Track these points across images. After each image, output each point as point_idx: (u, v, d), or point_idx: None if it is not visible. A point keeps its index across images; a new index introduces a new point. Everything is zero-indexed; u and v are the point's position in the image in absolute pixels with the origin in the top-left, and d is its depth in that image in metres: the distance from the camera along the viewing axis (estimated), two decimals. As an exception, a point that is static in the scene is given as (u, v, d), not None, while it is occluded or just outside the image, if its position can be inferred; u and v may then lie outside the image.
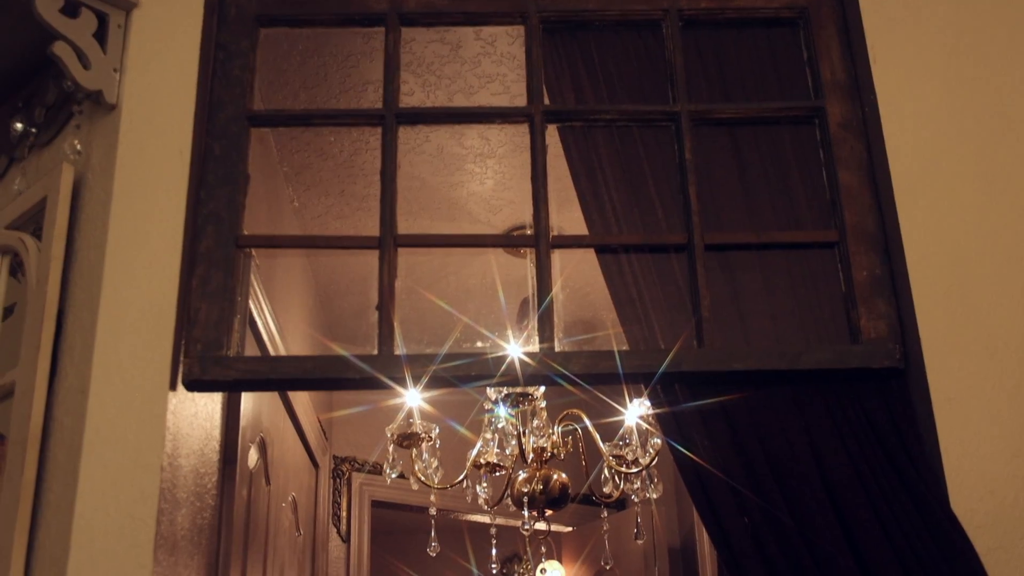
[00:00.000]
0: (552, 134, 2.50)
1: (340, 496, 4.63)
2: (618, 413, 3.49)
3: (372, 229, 2.39)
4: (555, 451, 3.48)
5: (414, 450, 3.40)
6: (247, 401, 2.84)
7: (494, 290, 4.44)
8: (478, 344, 3.36)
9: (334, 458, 4.64)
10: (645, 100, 2.52)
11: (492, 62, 3.44)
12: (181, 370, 2.21)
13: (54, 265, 2.22)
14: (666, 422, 2.30)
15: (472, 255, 4.47)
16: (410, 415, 3.34)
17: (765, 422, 2.23)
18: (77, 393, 2.13)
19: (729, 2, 2.57)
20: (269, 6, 2.55)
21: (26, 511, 2.05)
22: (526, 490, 3.42)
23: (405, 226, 2.41)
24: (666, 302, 2.37)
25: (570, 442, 3.54)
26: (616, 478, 3.49)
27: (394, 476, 3.35)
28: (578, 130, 2.51)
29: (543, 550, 3.84)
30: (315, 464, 4.17)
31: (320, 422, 4.23)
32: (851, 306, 2.33)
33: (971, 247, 2.34)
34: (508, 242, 3.62)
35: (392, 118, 2.45)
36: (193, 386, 2.23)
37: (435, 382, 2.24)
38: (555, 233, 2.40)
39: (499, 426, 3.47)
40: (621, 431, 3.47)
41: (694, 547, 4.56)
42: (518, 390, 3.40)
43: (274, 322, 3.29)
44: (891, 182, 2.37)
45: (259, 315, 3.10)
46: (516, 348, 2.86)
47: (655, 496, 3.43)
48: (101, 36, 2.36)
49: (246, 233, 2.36)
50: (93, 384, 2.12)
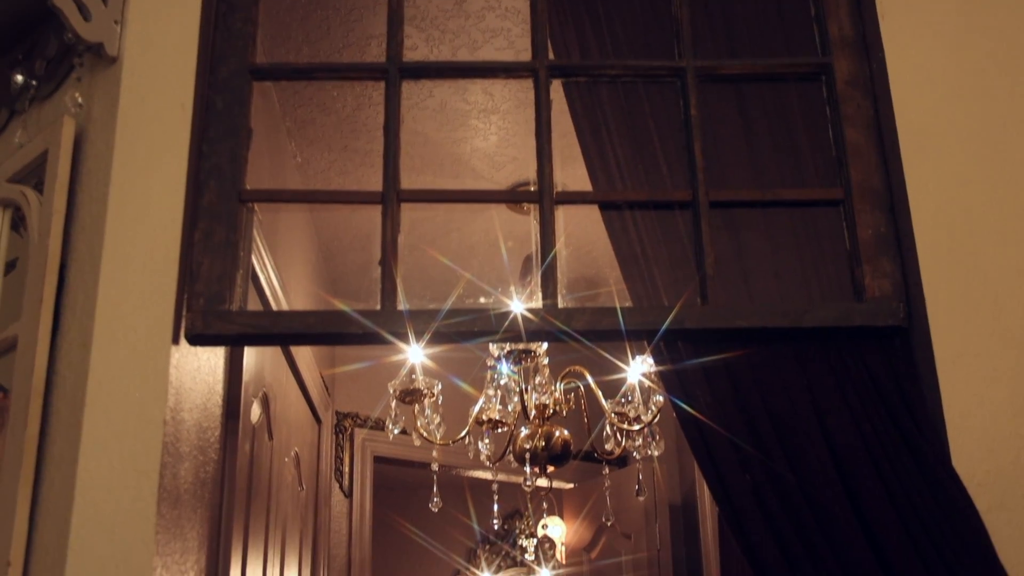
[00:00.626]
0: (556, 90, 2.48)
1: (342, 452, 4.64)
2: (620, 370, 3.50)
3: (375, 185, 2.38)
4: (557, 408, 3.48)
5: (416, 406, 3.41)
6: (249, 356, 2.84)
7: (497, 247, 4.44)
8: (481, 300, 3.35)
9: (336, 414, 4.65)
10: (651, 56, 2.50)
11: (496, 16, 3.41)
12: (183, 324, 2.21)
13: (56, 219, 2.21)
14: (669, 379, 2.30)
15: (475, 212, 4.46)
16: (413, 371, 3.34)
17: (768, 380, 2.23)
18: (79, 347, 2.13)
19: (736, -44, 2.55)
20: (271, -42, 2.52)
21: (30, 464, 2.06)
22: (528, 446, 3.43)
23: (408, 182, 2.40)
24: (670, 259, 2.36)
25: (572, 399, 3.55)
26: (618, 435, 3.50)
27: (396, 432, 3.35)
28: (583, 86, 2.49)
29: (544, 506, 3.85)
30: (318, 420, 4.18)
31: (323, 378, 4.24)
32: (855, 264, 2.32)
33: (978, 206, 2.33)
34: (512, 198, 3.58)
35: (395, 72, 2.43)
36: (196, 340, 2.23)
37: (437, 338, 2.24)
38: (559, 189, 2.39)
39: (501, 383, 3.48)
40: (623, 388, 3.48)
41: (695, 504, 4.58)
42: (521, 347, 3.41)
43: (276, 278, 3.29)
44: (898, 140, 2.36)
45: (261, 271, 3.10)
46: (519, 305, 2.86)
47: (656, 453, 3.44)
48: (102, -13, 2.33)
49: (248, 188, 2.35)
50: (95, 338, 2.11)
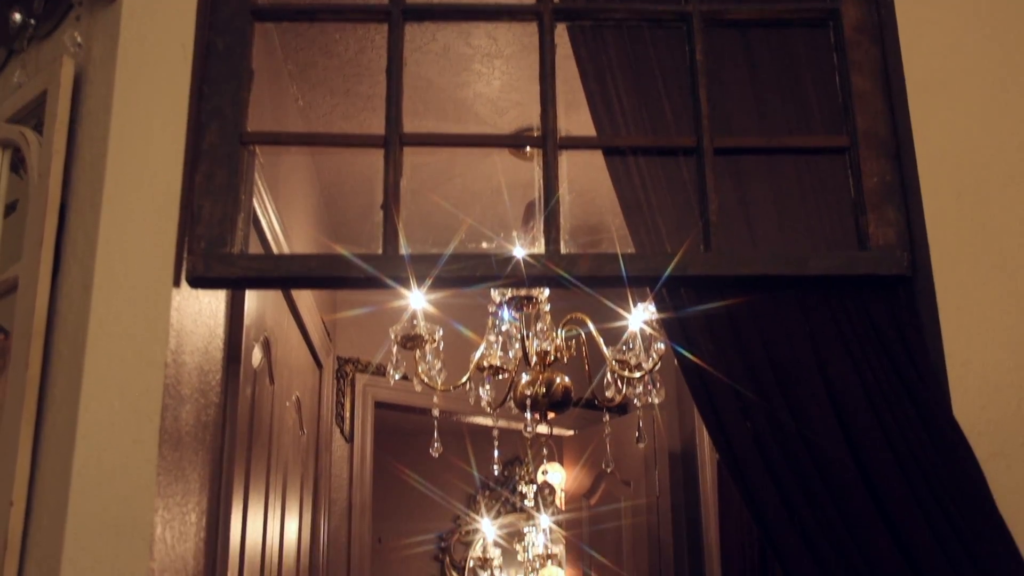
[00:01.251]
0: (561, 35, 2.45)
1: (343, 397, 4.66)
2: (622, 318, 3.49)
3: (377, 129, 2.36)
4: (558, 355, 3.48)
5: (418, 352, 3.41)
6: (251, 300, 2.83)
7: (500, 193, 4.41)
8: (484, 245, 3.34)
9: (338, 359, 4.66)
10: (656, 0, 2.47)
11: (501, -41, 3.36)
12: (185, 267, 2.20)
13: (55, 159, 2.20)
14: (671, 327, 2.30)
15: (478, 158, 4.43)
16: (414, 317, 3.34)
17: (770, 327, 2.22)
18: (80, 288, 2.12)
19: (745, -102, 2.51)
20: None
21: (31, 405, 2.06)
22: (529, 393, 3.43)
23: (411, 127, 2.38)
24: (673, 207, 2.35)
25: (573, 346, 3.55)
26: (619, 383, 3.50)
27: (397, 377, 3.35)
28: (588, 30, 2.46)
29: (544, 453, 3.87)
30: (319, 364, 4.19)
31: (324, 323, 4.24)
32: (860, 212, 2.31)
33: (984, 155, 2.31)
34: (515, 142, 3.58)
35: (398, 14, 2.40)
36: (197, 283, 2.22)
37: (439, 283, 2.23)
38: (562, 135, 2.37)
39: (503, 329, 3.48)
40: (625, 336, 3.47)
41: (694, 452, 4.60)
42: (522, 293, 3.40)
43: (278, 222, 3.28)
44: (905, 87, 2.34)
45: (263, 214, 3.09)
46: (521, 251, 2.85)
47: (657, 401, 3.45)
48: (101, -76, 2.30)
49: (250, 130, 2.33)
50: (96, 279, 2.11)
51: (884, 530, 2.01)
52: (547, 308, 3.47)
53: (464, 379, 3.53)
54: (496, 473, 7.99)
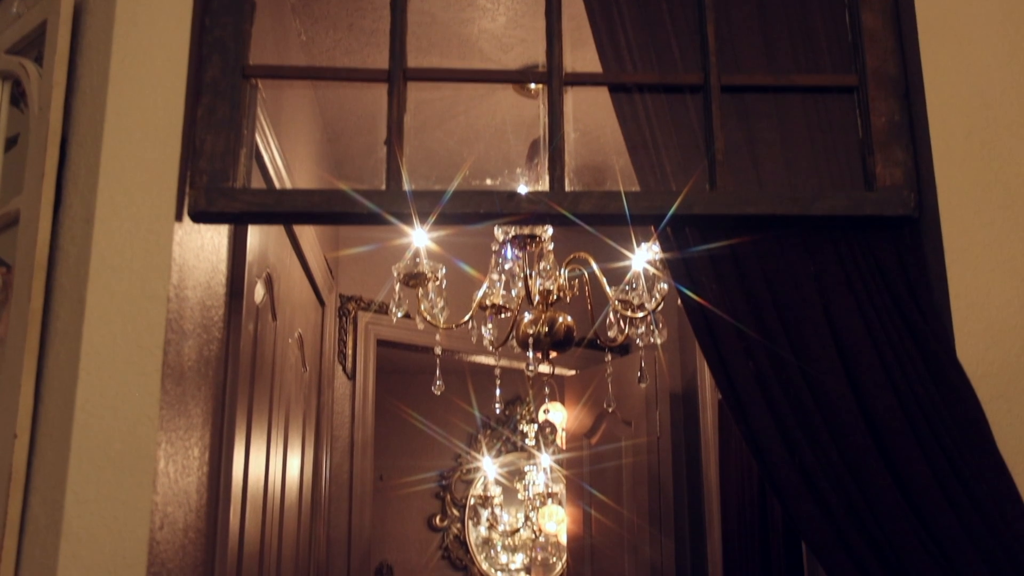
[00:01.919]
0: (567, -31, 2.42)
1: (346, 334, 4.66)
2: (625, 258, 3.48)
3: (381, 64, 2.34)
4: (561, 294, 3.48)
5: (420, 290, 3.40)
6: (253, 236, 2.82)
7: (504, 132, 4.38)
8: (488, 182, 3.32)
9: (340, 296, 4.65)
10: (665, -67, 2.43)
11: None
12: (187, 201, 2.19)
13: (56, 92, 2.18)
14: (675, 266, 2.29)
15: (482, 95, 4.40)
16: (417, 255, 3.32)
17: (775, 267, 2.22)
18: (82, 222, 2.11)
19: None
20: None
21: (34, 339, 2.06)
22: (531, 332, 3.43)
23: (414, 63, 2.35)
24: (679, 146, 2.33)
25: (576, 286, 3.54)
26: (621, 323, 3.49)
27: (400, 315, 3.35)
28: (595, -36, 2.43)
29: (546, 392, 3.88)
30: (321, 302, 4.19)
31: (326, 260, 4.23)
32: (867, 152, 2.30)
33: (995, 95, 2.29)
34: (520, 77, 3.53)
35: (403, -54, 2.37)
36: (199, 217, 2.21)
37: (442, 220, 2.22)
38: (568, 71, 2.35)
39: (506, 268, 3.47)
40: (628, 276, 3.47)
41: (695, 392, 4.61)
42: (526, 231, 3.39)
43: (280, 158, 3.26)
44: (916, 25, 2.31)
45: (265, 150, 3.07)
46: (525, 188, 2.83)
47: (659, 341, 3.44)
48: None
49: (252, 63, 2.30)
50: (98, 213, 2.10)
51: (884, 468, 2.02)
52: (550, 247, 3.46)
53: (466, 318, 3.52)
54: (497, 412, 8.03)
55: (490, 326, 3.59)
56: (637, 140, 2.35)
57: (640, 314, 3.39)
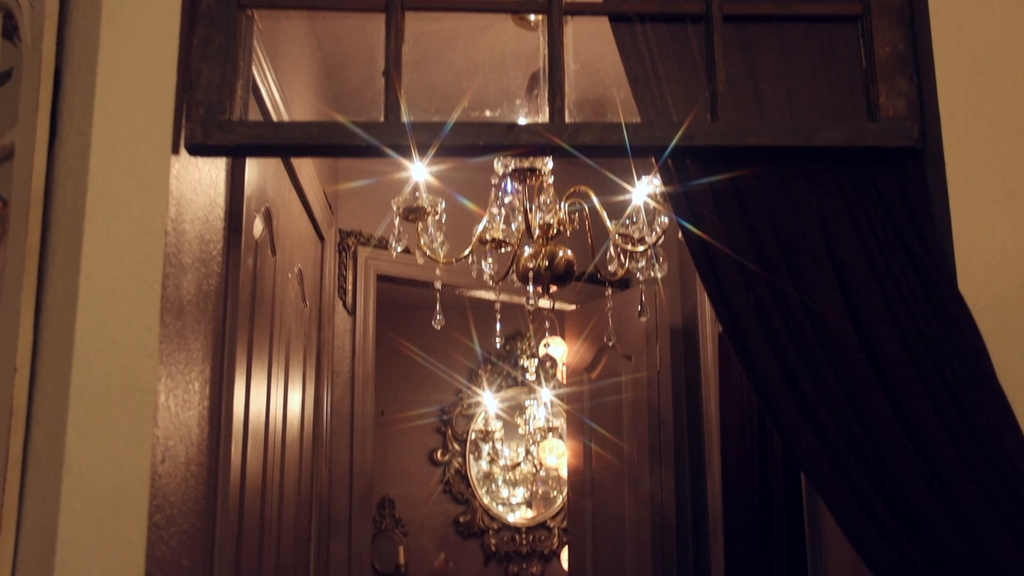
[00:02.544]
0: None
1: (346, 269, 4.65)
2: (626, 192, 3.46)
3: (378, -5, 2.30)
4: (561, 228, 3.46)
5: (420, 224, 3.39)
6: (251, 169, 2.80)
7: (503, 64, 4.33)
8: (487, 114, 3.28)
9: (340, 231, 4.64)
10: None
11: None
12: (183, 134, 2.17)
13: (48, 22, 2.14)
14: (676, 199, 2.27)
15: (481, 28, 4.34)
16: (416, 189, 3.30)
17: (776, 199, 2.20)
18: (78, 155, 2.10)
19: None
20: None
21: (32, 273, 2.05)
22: (531, 266, 3.42)
23: (412, -4, 2.32)
24: (681, 77, 2.31)
25: (576, 219, 3.52)
26: (621, 257, 3.48)
27: (400, 250, 3.33)
28: None
29: (547, 326, 3.88)
30: (321, 237, 4.17)
31: (326, 195, 4.21)
32: (871, 83, 2.27)
33: (1001, 25, 2.26)
34: (520, 8, 3.49)
35: None
36: (196, 150, 2.20)
37: (442, 152, 2.20)
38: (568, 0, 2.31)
39: (506, 202, 3.45)
40: (628, 210, 3.45)
41: (696, 327, 4.61)
42: (525, 165, 3.36)
43: (278, 91, 3.22)
44: (921, -48, 2.27)
45: (262, 82, 3.04)
46: (525, 121, 2.81)
47: (660, 275, 3.43)
48: None
49: (247, -7, 2.27)
50: (94, 146, 2.08)
51: (884, 400, 2.02)
52: (550, 181, 3.43)
53: (466, 252, 3.51)
54: (498, 347, 8.05)
55: (490, 260, 3.58)
56: (638, 71, 2.32)
57: (640, 248, 3.37)
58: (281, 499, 3.25)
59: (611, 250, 3.47)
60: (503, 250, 3.52)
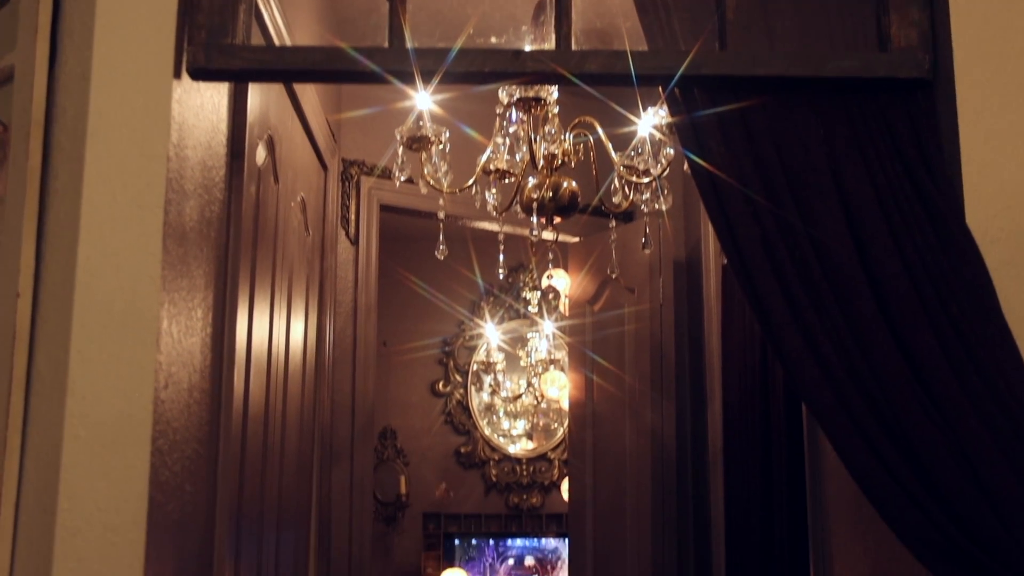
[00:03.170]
0: None
1: (349, 199, 4.63)
2: (631, 123, 3.43)
3: (383, -85, 2.26)
4: (566, 159, 3.43)
5: (423, 154, 3.36)
6: (254, 96, 2.77)
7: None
8: (492, 40, 3.24)
9: (343, 161, 4.61)
10: None
11: None
12: (185, 58, 2.15)
13: (47, -57, 2.11)
14: (683, 130, 2.25)
15: (486, -46, 4.28)
16: (420, 118, 3.27)
17: (784, 131, 2.18)
18: (79, 79, 2.08)
19: None
20: None
21: (33, 197, 2.04)
22: (535, 196, 3.40)
23: (418, -87, 2.28)
24: (689, 5, 2.28)
25: (581, 150, 3.49)
26: (626, 188, 3.46)
27: (403, 179, 3.31)
28: None
29: (550, 258, 3.87)
30: (324, 166, 4.15)
31: (329, 123, 4.18)
32: (882, 13, 2.24)
33: (1016, -48, 2.22)
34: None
35: None
36: (198, 75, 2.17)
37: (447, 79, 2.18)
38: (576, -76, 2.27)
39: (510, 131, 3.42)
40: (634, 141, 3.42)
41: (699, 260, 4.60)
42: (530, 94, 3.32)
43: (280, 15, 3.18)
44: None
45: (265, 7, 2.99)
46: (530, 48, 2.77)
47: (664, 208, 3.41)
48: None
49: (250, -86, 2.23)
50: (95, 69, 2.06)
51: (888, 334, 2.02)
52: (555, 111, 3.40)
53: (470, 182, 3.49)
54: (501, 278, 8.04)
55: (494, 191, 3.56)
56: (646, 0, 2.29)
57: (645, 180, 3.35)
58: (284, 427, 3.26)
59: (615, 182, 3.45)
60: (507, 181, 3.50)
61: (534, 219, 3.45)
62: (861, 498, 2.03)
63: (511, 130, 3.41)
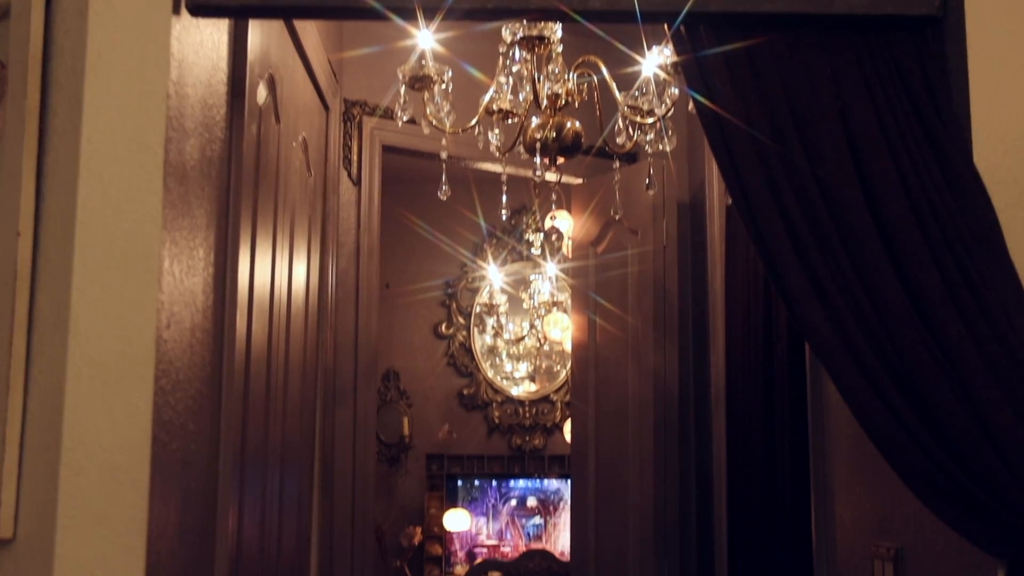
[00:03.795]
0: None
1: (351, 140, 4.60)
2: (635, 63, 3.39)
3: None
4: (570, 99, 3.40)
5: (426, 93, 3.33)
6: (254, 34, 2.74)
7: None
8: (496, -24, 3.20)
9: (345, 101, 4.57)
10: None
11: None
12: (184, -6, 2.12)
13: None
14: (689, 70, 2.23)
15: None
16: (423, 57, 3.23)
17: (791, 69, 2.16)
18: (76, 15, 2.05)
19: None
20: None
21: (32, 136, 2.02)
22: (539, 136, 3.37)
23: None
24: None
25: (585, 90, 3.46)
26: (630, 129, 3.43)
27: (405, 119, 3.28)
28: None
29: (553, 199, 3.84)
30: (325, 106, 4.11)
31: (330, 63, 4.14)
32: (892, -52, 2.20)
33: None
34: None
35: None
36: (197, 11, 2.15)
37: (450, 15, 2.15)
38: None
39: (513, 71, 3.38)
40: (638, 81, 3.38)
41: (703, 202, 4.58)
42: (534, 33, 3.28)
43: (281, -47, 3.13)
44: None
45: (265, -56, 2.94)
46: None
47: (669, 148, 3.39)
48: None
49: None
50: (92, 5, 2.04)
51: (893, 274, 2.01)
52: (559, 50, 3.36)
53: (473, 122, 3.46)
54: (504, 219, 8.01)
55: (497, 131, 3.53)
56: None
57: (650, 120, 3.32)
58: (287, 367, 3.26)
59: (619, 122, 3.42)
60: (510, 121, 3.47)
61: (537, 160, 3.43)
62: (863, 438, 2.03)
63: (514, 69, 3.38)
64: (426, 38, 3.20)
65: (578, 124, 3.42)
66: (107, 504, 1.94)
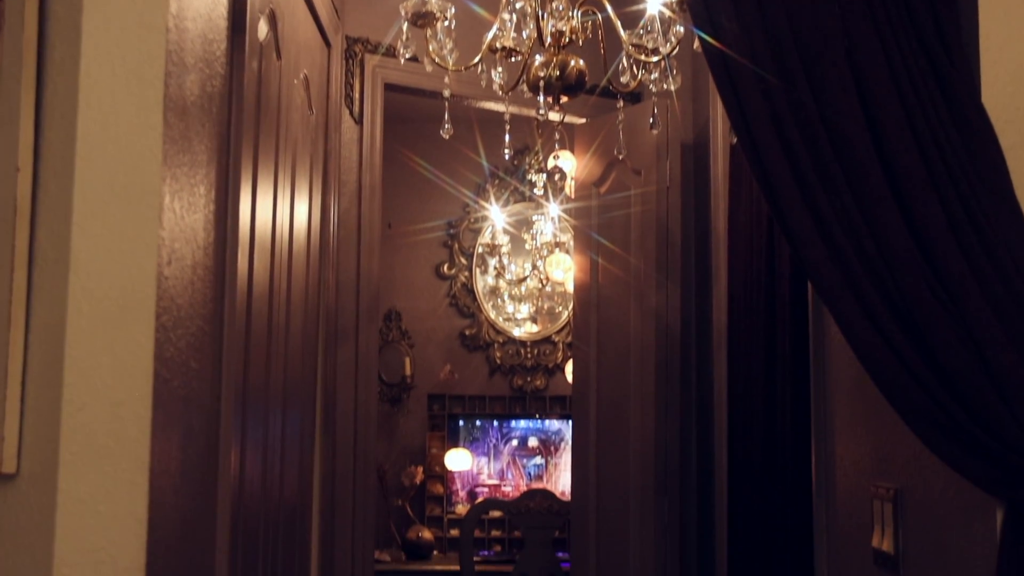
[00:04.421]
0: None
1: (353, 78, 4.56)
2: (640, 1, 3.36)
3: None
4: (574, 36, 3.37)
5: (428, 30, 3.29)
6: (255, -32, 2.71)
7: None
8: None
9: (347, 38, 4.52)
10: None
11: None
12: (183, -75, 2.09)
13: None
14: (695, 8, 2.20)
15: None
16: (425, -7, 3.20)
17: (797, 5, 2.12)
18: (74, -54, 2.02)
19: None
20: None
21: (30, 68, 2.00)
22: (542, 75, 3.34)
23: None
24: None
25: (589, 28, 3.42)
26: (634, 67, 3.40)
27: (408, 57, 3.26)
28: None
29: (556, 138, 3.82)
30: (327, 43, 4.07)
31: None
32: None
33: None
34: None
35: None
36: (196, -57, 2.11)
37: (452, -52, 2.12)
38: None
39: (517, 7, 3.34)
40: (643, 19, 3.35)
41: (707, 142, 4.55)
42: (538, -32, 3.25)
43: None
44: None
45: None
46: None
47: (673, 87, 3.36)
48: None
49: None
50: (89, -64, 2.00)
51: (897, 213, 1.99)
52: (564, -14, 3.32)
53: (476, 60, 3.43)
54: (507, 158, 7.98)
55: (500, 69, 3.49)
56: None
57: (654, 58, 3.29)
58: (288, 306, 3.26)
59: (624, 61, 3.39)
60: (513, 59, 3.44)
61: (540, 99, 3.40)
62: (864, 378, 2.03)
63: (518, 6, 3.34)
64: (429, -26, 3.16)
65: (582, 63, 3.39)
66: (110, 439, 1.94)
